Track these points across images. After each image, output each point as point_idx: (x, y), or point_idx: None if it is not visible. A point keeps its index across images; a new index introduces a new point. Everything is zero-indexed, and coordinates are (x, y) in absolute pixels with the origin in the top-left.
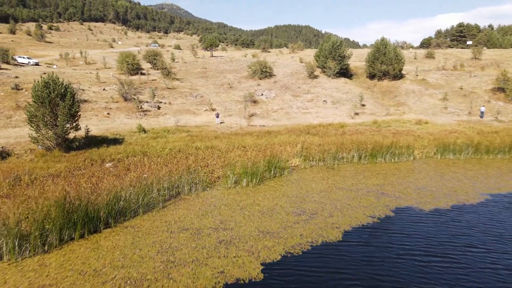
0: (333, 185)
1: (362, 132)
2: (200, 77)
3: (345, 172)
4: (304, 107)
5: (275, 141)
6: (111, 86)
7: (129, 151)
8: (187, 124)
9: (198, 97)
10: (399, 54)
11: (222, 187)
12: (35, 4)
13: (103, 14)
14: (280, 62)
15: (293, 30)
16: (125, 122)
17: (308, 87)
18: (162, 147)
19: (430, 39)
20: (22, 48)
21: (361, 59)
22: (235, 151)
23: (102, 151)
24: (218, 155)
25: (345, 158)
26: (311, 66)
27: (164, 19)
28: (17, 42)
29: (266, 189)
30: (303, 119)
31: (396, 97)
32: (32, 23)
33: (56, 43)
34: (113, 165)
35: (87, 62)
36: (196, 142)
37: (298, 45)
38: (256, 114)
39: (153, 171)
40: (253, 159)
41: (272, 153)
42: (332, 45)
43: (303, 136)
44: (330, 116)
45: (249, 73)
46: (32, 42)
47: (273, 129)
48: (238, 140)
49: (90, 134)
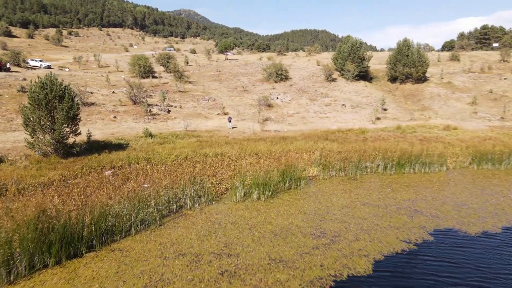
0: (356, 199)
1: (385, 138)
2: (213, 80)
3: (369, 184)
4: (322, 112)
5: (290, 147)
6: (121, 89)
7: (132, 158)
8: (197, 129)
9: (210, 101)
10: (423, 55)
11: (230, 200)
12: (56, 10)
13: (121, 20)
14: (296, 65)
15: (309, 35)
16: (132, 126)
17: (326, 91)
18: (168, 154)
19: (452, 42)
20: (38, 52)
21: (381, 61)
22: (247, 158)
23: (103, 158)
24: (227, 163)
25: (368, 168)
26: (328, 69)
27: (181, 24)
28: (34, 46)
29: (280, 203)
30: (321, 124)
31: (420, 101)
32: (53, 29)
33: (72, 47)
34: (113, 174)
35: (100, 66)
36: (205, 148)
37: (315, 48)
38: (271, 118)
39: (154, 181)
40: (266, 168)
41: (287, 162)
42: (351, 47)
43: (321, 143)
44: (350, 121)
45: (264, 76)
46: (48, 46)
47: (289, 134)
48: (250, 146)
49: (93, 138)
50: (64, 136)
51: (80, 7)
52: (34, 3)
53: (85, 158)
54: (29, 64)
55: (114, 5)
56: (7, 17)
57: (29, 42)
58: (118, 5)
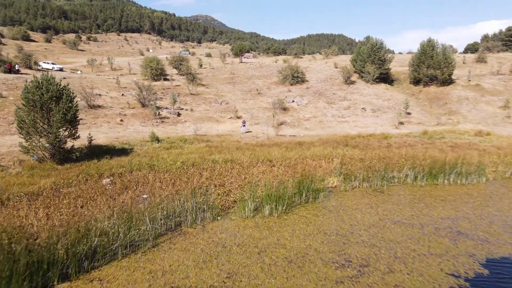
0: (385, 216)
1: (412, 144)
2: (227, 83)
3: (398, 198)
4: (340, 115)
5: (307, 154)
6: (131, 91)
7: (134, 164)
8: (207, 133)
9: (223, 104)
10: (448, 56)
11: (237, 216)
12: (76, 16)
13: (139, 25)
14: (313, 68)
15: (325, 39)
16: (139, 130)
17: (344, 94)
18: (173, 160)
19: (476, 44)
20: (54, 55)
21: (402, 63)
22: (259, 166)
23: (103, 164)
24: (238, 171)
25: (396, 178)
26: (347, 71)
27: (197, 29)
28: (50, 50)
29: (296, 220)
30: (339, 128)
31: (447, 104)
32: (72, 34)
33: (88, 51)
34: (111, 182)
35: (113, 68)
36: (215, 154)
37: (332, 50)
38: (286, 122)
39: (155, 191)
40: (280, 177)
41: (304, 170)
42: (371, 48)
43: (341, 149)
44: (371, 126)
45: (279, 79)
46: (65, 50)
47: (305, 139)
48: (263, 152)
49: (96, 143)
50: (60, 140)
51: (100, 13)
52: (55, 9)
53: (83, 164)
54: (41, 66)
55: (133, 11)
56: (28, 22)
57: (46, 46)
58: (136, 11)
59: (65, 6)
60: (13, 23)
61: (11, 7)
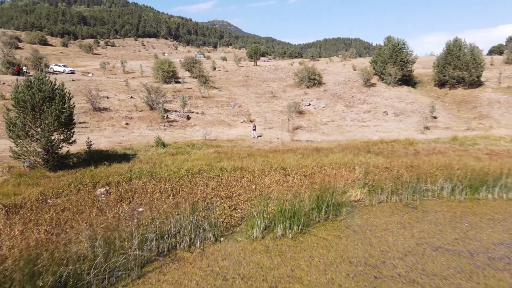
0: (423, 240)
1: (442, 151)
2: (240, 86)
3: (435, 215)
4: (360, 119)
5: (325, 161)
6: (140, 94)
7: (135, 172)
8: (217, 138)
9: (235, 107)
10: (477, 57)
11: (244, 236)
12: (95, 22)
13: (156, 30)
14: (330, 70)
15: (342, 43)
16: (145, 134)
17: (364, 97)
18: (178, 167)
19: (500, 46)
20: (69, 59)
21: (425, 65)
22: (272, 175)
23: (100, 171)
24: (248, 181)
25: (429, 191)
26: (367, 73)
27: (213, 34)
28: (66, 54)
29: (314, 243)
30: (360, 133)
31: (476, 108)
32: (91, 39)
33: (103, 55)
34: (106, 192)
35: (125, 71)
36: (223, 160)
37: (350, 53)
38: (302, 126)
39: (153, 203)
40: (296, 188)
41: (323, 181)
42: (392, 48)
43: (363, 156)
44: (393, 130)
45: (295, 81)
46: (80, 54)
47: (323, 145)
48: (277, 159)
49: (97, 147)
50: (54, 145)
51: (118, 18)
52: (74, 16)
53: (78, 171)
54: (52, 69)
55: (150, 16)
56: (48, 28)
57: (62, 50)
58: (154, 16)
59: (84, 12)
60: (33, 29)
61: (32, 13)
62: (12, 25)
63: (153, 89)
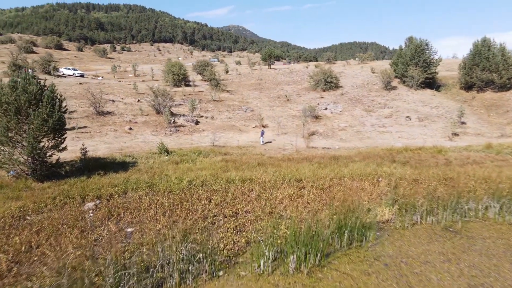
0: (476, 279)
1: (478, 161)
2: (253, 89)
3: (484, 243)
4: (381, 125)
5: (345, 172)
6: (148, 97)
7: (131, 183)
8: (227, 144)
9: (248, 111)
10: (508, 58)
11: (248, 269)
12: (112, 27)
13: (172, 35)
14: (347, 73)
15: (358, 47)
16: (149, 140)
17: (385, 100)
18: (180, 178)
19: None
20: (82, 62)
21: (448, 68)
22: (285, 187)
23: (92, 182)
24: (257, 195)
25: (471, 210)
26: (387, 75)
27: (228, 39)
28: (80, 58)
29: (336, 282)
30: (381, 140)
31: (508, 112)
32: (108, 44)
33: (117, 59)
34: (95, 207)
35: (136, 75)
36: (231, 170)
37: (368, 55)
38: (318, 132)
39: (146, 221)
40: (312, 205)
41: (344, 196)
42: (414, 49)
43: (387, 166)
44: (418, 137)
45: (310, 85)
46: (94, 58)
47: (341, 153)
48: (291, 169)
49: (95, 154)
50: (40, 152)
51: (135, 24)
52: (92, 21)
53: (67, 182)
54: (62, 72)
55: (166, 22)
56: (66, 34)
57: (76, 54)
58: (170, 22)
59: (102, 19)
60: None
61: (51, 19)
62: (32, 31)
63: (159, 92)
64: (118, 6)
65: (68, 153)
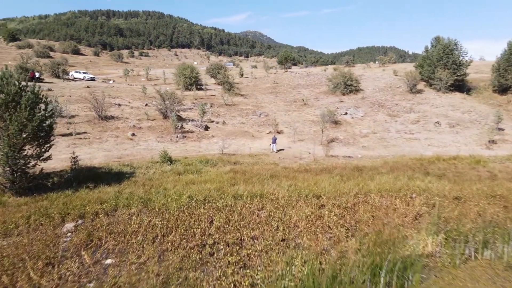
0: None
1: None
2: (268, 93)
3: None
4: (408, 131)
5: (371, 186)
6: (156, 101)
7: (123, 198)
8: (237, 152)
9: (262, 116)
10: None
11: None
12: (130, 33)
13: (189, 41)
14: (368, 75)
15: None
16: (152, 147)
17: (410, 105)
18: (180, 193)
19: None
20: (97, 67)
21: (477, 70)
22: (301, 205)
23: (78, 197)
24: (268, 215)
25: None
26: (413, 77)
27: (245, 44)
28: (95, 62)
29: None
30: (408, 147)
31: None
32: (126, 50)
33: (132, 63)
34: (75, 229)
35: (148, 79)
36: (239, 183)
37: (389, 57)
38: (338, 139)
39: (130, 250)
40: (334, 230)
41: (375, 224)
42: (442, 50)
43: (420, 179)
44: (450, 145)
45: (329, 88)
46: (109, 62)
47: (365, 162)
48: (308, 182)
49: (90, 163)
50: (18, 162)
51: (153, 30)
52: (111, 28)
53: (49, 196)
54: (72, 76)
55: (184, 28)
56: (86, 40)
57: (91, 58)
58: (188, 27)
59: (121, 25)
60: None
61: (72, 26)
62: (53, 37)
63: (167, 95)
64: (138, 13)
65: (60, 161)
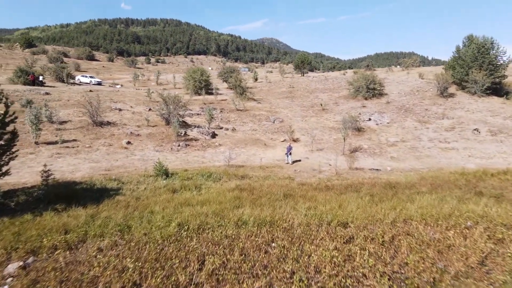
0: None
1: None
2: (283, 98)
3: None
4: (442, 139)
5: (411, 211)
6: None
7: (96, 225)
8: (247, 163)
9: (276, 122)
10: None
11: None
12: (148, 41)
13: (206, 47)
14: (392, 79)
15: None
16: (148, 157)
17: (442, 110)
18: (168, 218)
19: None
20: (109, 72)
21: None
22: (322, 237)
23: (38, 223)
24: (280, 252)
25: None
26: (444, 80)
27: (262, 50)
28: (108, 68)
29: None
30: (445, 159)
31: None
32: (143, 57)
33: (145, 69)
34: (22, 271)
35: (158, 83)
36: (245, 205)
37: (413, 60)
38: (362, 148)
39: None
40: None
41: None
42: (477, 49)
43: (473, 201)
44: (495, 155)
45: (350, 92)
46: (122, 68)
47: (397, 177)
48: (331, 204)
49: (71, 177)
50: None
51: (170, 37)
52: (129, 35)
53: (1, 223)
54: (79, 80)
55: (201, 35)
56: (104, 47)
57: (105, 64)
58: (204, 34)
59: (139, 32)
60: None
61: (91, 34)
62: (72, 45)
63: (170, 99)
64: (156, 21)
65: (36, 175)
